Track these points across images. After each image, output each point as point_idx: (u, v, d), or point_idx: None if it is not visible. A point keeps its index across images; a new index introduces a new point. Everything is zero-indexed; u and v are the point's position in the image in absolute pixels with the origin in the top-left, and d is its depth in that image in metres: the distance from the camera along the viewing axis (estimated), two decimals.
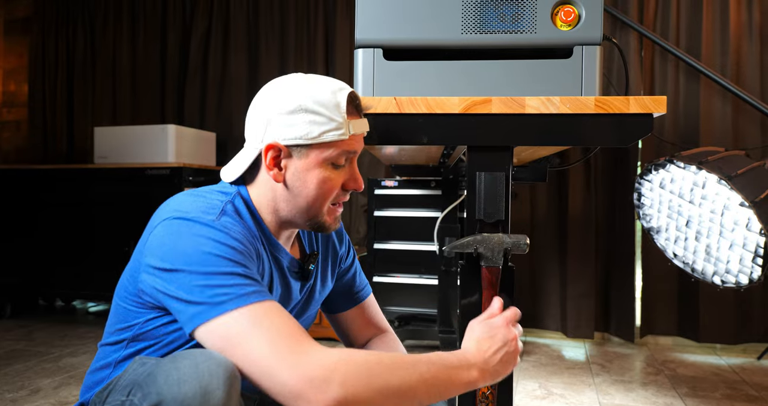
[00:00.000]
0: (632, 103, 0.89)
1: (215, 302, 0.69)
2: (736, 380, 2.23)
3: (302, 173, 0.82)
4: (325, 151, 0.81)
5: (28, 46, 3.80)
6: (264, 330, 0.68)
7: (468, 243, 0.92)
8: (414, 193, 2.55)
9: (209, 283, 0.69)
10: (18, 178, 3.09)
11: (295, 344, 0.67)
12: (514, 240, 0.92)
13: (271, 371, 0.66)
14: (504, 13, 0.97)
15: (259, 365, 0.67)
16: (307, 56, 3.24)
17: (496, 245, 0.91)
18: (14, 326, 2.97)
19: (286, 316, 0.71)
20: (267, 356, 0.66)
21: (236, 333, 0.68)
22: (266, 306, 0.70)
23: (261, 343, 0.67)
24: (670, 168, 2.09)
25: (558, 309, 2.86)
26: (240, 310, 0.68)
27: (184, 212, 0.76)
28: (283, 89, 0.82)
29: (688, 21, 2.68)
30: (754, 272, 1.93)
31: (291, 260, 0.90)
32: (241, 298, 0.69)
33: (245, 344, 0.67)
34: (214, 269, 0.70)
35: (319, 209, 0.84)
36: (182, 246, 0.72)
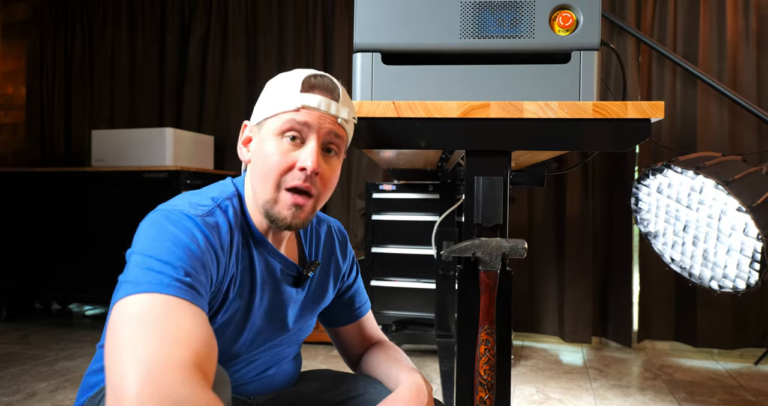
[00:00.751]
0: (630, 109, 0.89)
1: (136, 281, 0.64)
2: (733, 385, 2.23)
3: (257, 146, 0.82)
4: (274, 123, 0.81)
5: (26, 49, 3.80)
6: (147, 331, 0.58)
7: (466, 247, 0.92)
8: (412, 197, 2.55)
9: (145, 264, 0.65)
10: (15, 181, 3.09)
11: (158, 364, 0.55)
12: (512, 244, 0.92)
13: (115, 380, 0.56)
14: (502, 18, 0.97)
15: (113, 368, 0.57)
16: (306, 60, 3.25)
17: (494, 250, 0.91)
18: (10, 329, 2.96)
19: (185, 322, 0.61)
20: (123, 366, 0.56)
21: (124, 320, 0.60)
22: (174, 303, 0.62)
23: (131, 347, 0.57)
24: (667, 173, 2.10)
25: (555, 314, 2.86)
26: (147, 295, 0.62)
27: (171, 205, 0.75)
28: (272, 79, 0.87)
29: (685, 26, 2.70)
30: (752, 277, 1.94)
31: (287, 264, 0.88)
32: (157, 285, 0.63)
33: (120, 337, 0.59)
34: (157, 255, 0.66)
35: (266, 189, 0.79)
36: (148, 233, 0.71)
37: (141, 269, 0.65)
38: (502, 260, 0.92)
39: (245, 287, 0.82)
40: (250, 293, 0.82)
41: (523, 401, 2.03)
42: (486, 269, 0.91)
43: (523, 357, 2.61)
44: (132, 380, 0.54)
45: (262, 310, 0.85)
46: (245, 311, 0.82)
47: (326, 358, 2.52)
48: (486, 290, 0.91)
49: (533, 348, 2.79)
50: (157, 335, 0.58)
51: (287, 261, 0.88)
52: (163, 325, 0.60)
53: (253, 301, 0.83)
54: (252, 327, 0.84)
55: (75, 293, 3.02)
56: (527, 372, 2.38)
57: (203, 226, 0.73)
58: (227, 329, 0.81)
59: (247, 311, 0.82)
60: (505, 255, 0.91)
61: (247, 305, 0.82)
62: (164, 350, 0.57)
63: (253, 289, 0.82)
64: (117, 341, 0.59)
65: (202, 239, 0.71)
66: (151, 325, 0.59)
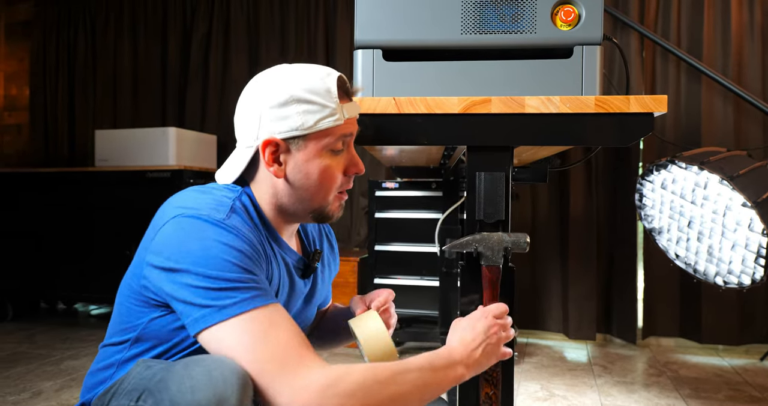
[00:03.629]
0: (632, 103, 0.88)
1: (219, 305, 0.68)
2: (738, 382, 2.21)
3: (303, 165, 0.80)
4: (322, 139, 0.80)
5: (29, 50, 3.81)
6: (265, 341, 0.68)
7: (467, 242, 0.91)
8: (415, 195, 2.55)
9: (215, 286, 0.69)
10: (19, 182, 3.10)
11: (294, 359, 0.68)
12: (514, 239, 0.91)
13: (269, 389, 0.66)
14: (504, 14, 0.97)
15: (259, 379, 0.67)
16: (308, 57, 3.24)
17: (495, 244, 0.90)
18: (16, 328, 2.97)
19: (288, 323, 0.71)
20: (267, 372, 0.67)
21: (238, 342, 0.68)
22: (270, 311, 0.70)
23: (263, 356, 0.67)
24: (671, 169, 2.09)
25: (559, 310, 2.85)
26: (243, 316, 0.68)
27: (194, 210, 0.74)
28: (270, 82, 0.80)
29: (690, 21, 2.68)
30: (757, 273, 1.93)
31: (298, 259, 0.90)
32: (244, 302, 0.69)
33: (248, 354, 0.67)
34: (220, 274, 0.70)
35: (325, 198, 0.84)
36: (190, 246, 0.71)
37: (213, 291, 0.69)
38: (505, 254, 0.91)
39: (272, 281, 0.83)
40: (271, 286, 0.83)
41: (527, 397, 2.03)
42: (488, 263, 0.91)
43: (527, 354, 2.61)
44: (291, 396, 0.66)
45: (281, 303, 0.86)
46: None
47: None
48: (489, 285, 0.91)
49: (537, 345, 2.79)
50: (277, 345, 0.68)
51: (297, 255, 0.90)
52: (274, 334, 0.69)
53: (276, 295, 0.84)
54: None
55: (80, 292, 3.03)
56: (531, 369, 2.37)
57: (235, 228, 0.74)
58: None
59: None
60: (507, 249, 0.91)
61: None
62: (291, 354, 0.68)
63: (274, 283, 0.84)
64: (242, 362, 0.67)
65: (243, 240, 0.74)
66: (265, 339, 0.68)
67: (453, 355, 0.79)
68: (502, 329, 0.85)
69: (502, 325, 0.85)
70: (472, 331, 0.83)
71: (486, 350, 0.82)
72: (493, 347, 0.83)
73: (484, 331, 0.83)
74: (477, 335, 0.82)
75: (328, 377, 0.67)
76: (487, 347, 0.82)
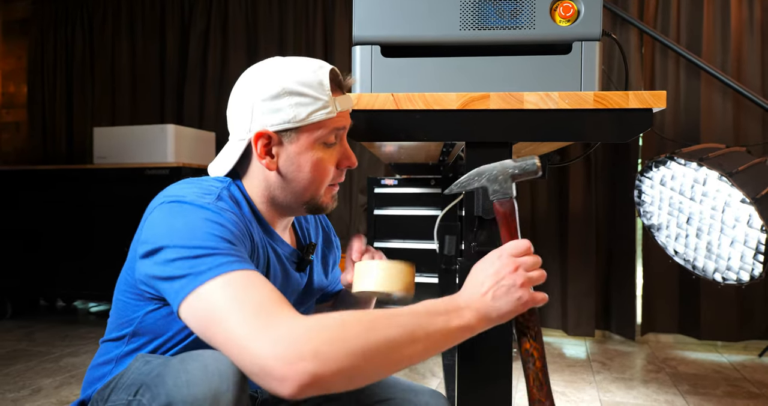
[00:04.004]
0: (631, 98, 0.88)
1: (196, 272, 0.66)
2: (737, 378, 2.22)
3: (295, 158, 0.80)
4: (315, 132, 0.79)
5: (26, 48, 3.80)
6: (240, 302, 0.63)
7: (470, 179, 0.82)
8: (414, 192, 2.55)
9: (191, 254, 0.67)
10: (18, 179, 3.09)
11: (268, 315, 0.62)
12: (521, 163, 0.79)
13: (243, 350, 0.61)
14: (502, 9, 0.97)
15: (235, 343, 0.62)
16: (306, 54, 3.23)
17: (500, 173, 0.80)
18: (15, 326, 2.97)
19: (266, 284, 0.67)
20: (241, 334, 0.61)
21: (213, 308, 0.64)
22: (247, 275, 0.66)
23: (237, 318, 0.62)
24: (670, 165, 2.09)
25: (558, 307, 2.85)
26: (219, 279, 0.65)
27: (180, 197, 0.74)
28: (263, 74, 0.80)
29: (689, 17, 2.68)
30: (756, 269, 1.93)
31: (291, 252, 0.90)
32: (221, 266, 0.66)
33: (222, 321, 0.63)
34: (198, 243, 0.67)
35: (317, 191, 0.83)
36: (172, 224, 0.70)
37: (191, 259, 0.66)
38: (514, 182, 0.81)
39: (264, 270, 0.83)
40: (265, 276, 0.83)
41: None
42: (496, 197, 0.80)
43: None
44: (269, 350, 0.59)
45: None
46: None
47: None
48: (504, 222, 0.79)
49: None
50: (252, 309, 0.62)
51: (290, 248, 0.90)
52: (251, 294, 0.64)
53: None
54: None
55: (79, 289, 3.03)
56: None
57: (220, 210, 0.73)
58: None
59: None
60: (515, 177, 0.80)
61: None
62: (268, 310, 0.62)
63: (268, 273, 0.84)
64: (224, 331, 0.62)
65: (226, 220, 0.72)
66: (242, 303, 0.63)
67: (457, 299, 0.71)
68: (522, 268, 0.73)
69: (521, 264, 0.73)
70: (482, 273, 0.73)
71: (497, 293, 0.71)
72: (507, 289, 0.71)
73: (495, 272, 0.72)
74: (487, 277, 0.72)
75: (299, 326, 0.61)
76: (498, 290, 0.71)
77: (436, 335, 0.66)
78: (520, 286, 0.72)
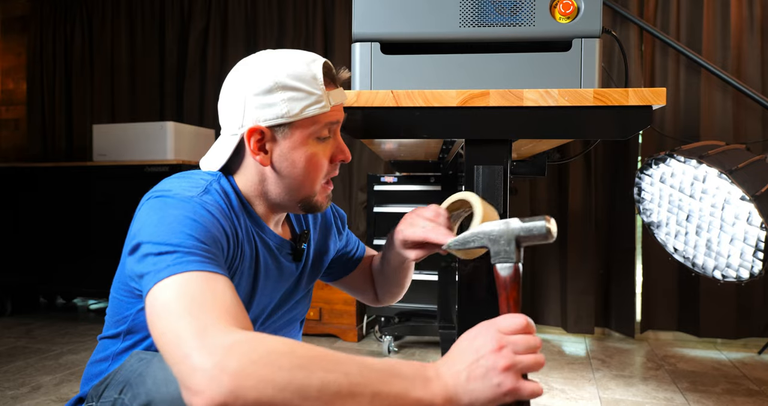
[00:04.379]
0: (631, 95, 0.88)
1: (156, 270, 0.63)
2: (736, 375, 2.22)
3: (289, 153, 0.79)
4: (309, 127, 0.78)
5: (26, 45, 3.80)
6: (187, 304, 0.59)
7: (470, 238, 0.74)
8: (413, 189, 2.55)
9: (156, 251, 0.65)
10: (17, 177, 3.09)
11: (209, 321, 0.57)
12: (528, 224, 0.70)
13: (175, 351, 0.57)
14: (502, 6, 0.96)
15: (169, 344, 0.58)
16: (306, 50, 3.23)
17: (503, 235, 0.71)
18: (15, 323, 2.98)
19: (220, 290, 0.62)
20: (176, 335, 0.57)
21: (161, 305, 0.61)
22: (207, 277, 0.62)
23: (177, 319, 0.58)
24: (670, 162, 2.09)
25: (558, 304, 2.86)
26: (174, 278, 0.62)
27: (166, 191, 0.73)
28: (254, 68, 0.78)
29: (689, 15, 2.67)
30: (755, 267, 1.93)
31: (282, 242, 0.89)
32: (179, 265, 0.63)
33: (163, 320, 0.59)
34: (165, 239, 0.65)
35: (311, 187, 0.82)
36: (149, 221, 0.69)
37: (155, 256, 0.64)
38: (517, 245, 0.71)
39: (252, 262, 0.82)
40: (255, 268, 0.83)
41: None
42: (497, 261, 0.71)
43: None
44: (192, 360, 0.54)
45: (269, 286, 0.86)
46: (253, 287, 0.83)
47: None
48: (502, 290, 0.70)
49: None
50: (192, 313, 0.58)
51: (282, 239, 0.89)
52: (195, 302, 0.60)
53: (259, 276, 0.83)
54: (257, 304, 0.85)
55: (78, 287, 3.03)
56: None
57: (203, 204, 0.72)
58: None
59: (254, 286, 0.83)
60: (521, 239, 0.70)
61: (254, 280, 0.83)
62: (204, 322, 0.57)
63: (258, 265, 0.83)
64: (163, 332, 0.59)
65: (206, 213, 0.70)
66: (187, 305, 0.59)
67: (428, 368, 0.60)
68: (510, 349, 0.61)
69: (509, 343, 0.61)
70: (464, 344, 0.63)
71: (473, 373, 0.59)
72: (485, 371, 0.59)
73: (476, 347, 0.61)
74: (467, 352, 0.61)
75: (242, 339, 0.55)
76: (476, 370, 0.59)
77: (385, 399, 0.55)
78: (501, 370, 0.59)
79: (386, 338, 2.51)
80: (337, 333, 2.71)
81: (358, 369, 0.56)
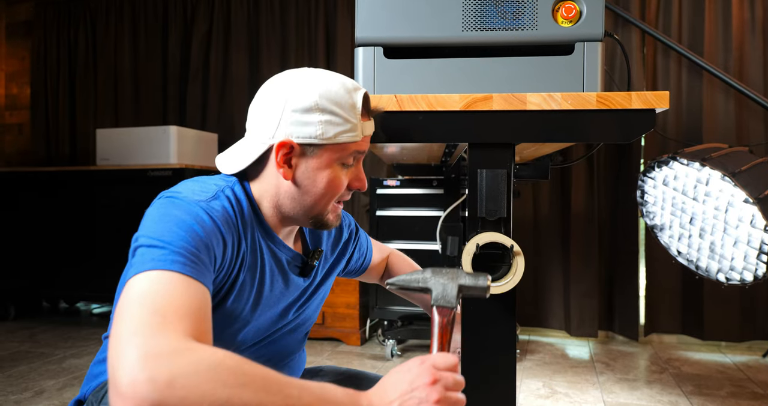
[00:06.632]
0: (634, 99, 0.88)
1: (140, 261, 0.64)
2: (741, 378, 2.21)
3: (313, 172, 0.80)
4: (337, 152, 0.80)
5: (30, 50, 3.82)
6: (150, 302, 0.59)
7: (416, 279, 0.79)
8: (416, 193, 2.55)
9: (147, 243, 0.66)
10: (21, 181, 3.10)
11: (161, 325, 0.56)
12: (472, 279, 0.76)
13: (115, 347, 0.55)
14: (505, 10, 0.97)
15: (115, 337, 0.56)
16: (308, 55, 3.24)
17: (449, 281, 0.76)
18: (18, 327, 2.98)
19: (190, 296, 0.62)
20: (124, 331, 0.56)
21: (127, 296, 0.60)
22: (180, 279, 0.62)
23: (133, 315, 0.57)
24: (673, 165, 2.08)
25: (561, 308, 2.85)
26: (152, 272, 0.62)
27: (176, 193, 0.75)
28: (297, 84, 0.79)
29: (691, 17, 2.67)
30: (759, 269, 1.92)
31: (293, 256, 0.89)
32: (161, 262, 0.63)
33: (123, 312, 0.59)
34: (157, 234, 0.66)
35: (324, 207, 0.83)
36: (151, 218, 0.70)
37: (145, 248, 0.66)
38: (461, 295, 0.76)
39: (255, 273, 0.82)
40: (260, 279, 0.83)
41: (529, 395, 2.03)
42: (438, 304, 0.75)
43: (529, 352, 2.61)
44: (126, 352, 0.54)
45: (272, 298, 0.86)
46: (255, 299, 0.83)
47: (332, 354, 2.52)
48: (439, 330, 0.74)
49: (539, 342, 2.79)
50: (151, 310, 0.58)
51: (293, 252, 0.89)
52: (160, 300, 0.59)
53: (263, 289, 0.83)
54: (260, 316, 0.85)
55: (82, 291, 3.04)
56: (534, 366, 2.37)
57: (208, 209, 0.73)
58: (237, 315, 0.81)
59: (257, 297, 0.83)
60: (462, 289, 0.76)
61: (258, 294, 0.83)
62: (156, 322, 0.57)
63: (263, 277, 0.83)
64: (117, 320, 0.59)
65: (207, 219, 0.71)
66: (149, 301, 0.59)
67: (360, 396, 0.62)
68: (441, 384, 0.64)
69: (441, 378, 0.64)
70: (396, 376, 0.65)
71: (405, 404, 0.62)
72: (417, 402, 0.62)
73: (411, 380, 0.63)
74: (399, 383, 0.64)
75: (183, 349, 0.54)
76: (408, 401, 0.62)
77: None
78: (434, 402, 0.62)
79: (389, 341, 2.51)
80: (339, 337, 2.71)
81: (298, 392, 0.57)
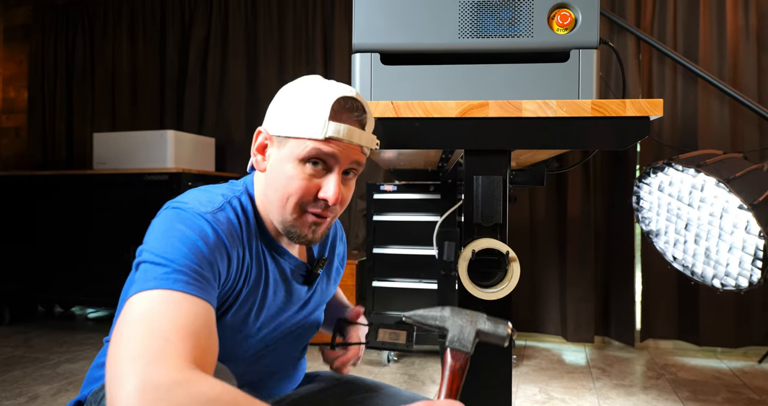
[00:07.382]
0: (629, 106, 0.89)
1: (143, 279, 0.65)
2: (737, 384, 2.22)
3: (277, 163, 0.80)
4: (299, 146, 0.78)
5: (27, 53, 3.81)
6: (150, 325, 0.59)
7: (432, 315, 0.74)
8: (413, 198, 2.55)
9: (151, 260, 0.66)
10: (17, 185, 3.09)
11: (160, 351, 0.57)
12: (492, 325, 0.71)
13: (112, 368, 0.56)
14: (501, 18, 0.98)
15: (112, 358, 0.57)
16: (306, 61, 3.25)
17: (467, 325, 0.71)
18: (13, 332, 2.96)
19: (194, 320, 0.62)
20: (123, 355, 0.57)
21: (130, 316, 0.61)
22: (181, 299, 0.63)
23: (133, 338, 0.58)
24: (668, 171, 2.09)
25: (558, 313, 2.85)
26: (150, 292, 0.63)
27: (183, 203, 0.75)
28: (295, 86, 0.82)
29: (685, 25, 2.69)
30: (754, 275, 1.93)
31: (298, 265, 0.89)
32: (158, 281, 0.63)
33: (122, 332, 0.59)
34: (161, 251, 0.67)
35: (283, 207, 0.79)
36: (155, 232, 0.71)
37: (149, 265, 0.66)
38: (477, 340, 0.72)
39: (258, 285, 0.82)
40: (263, 291, 0.83)
41: (525, 400, 2.03)
42: (453, 346, 0.71)
43: (525, 357, 2.61)
44: (125, 379, 0.54)
45: (274, 308, 0.86)
46: (258, 310, 0.83)
47: None
48: (450, 375, 0.69)
49: (536, 348, 2.79)
50: (152, 332, 0.58)
51: (297, 261, 0.89)
52: (160, 321, 0.60)
53: (266, 300, 0.83)
54: (264, 325, 0.85)
55: (77, 295, 3.02)
56: (530, 372, 2.37)
57: (213, 222, 0.73)
58: (239, 327, 0.81)
59: (259, 309, 0.83)
60: (480, 334, 0.72)
61: (260, 304, 0.83)
62: (156, 346, 0.57)
63: (266, 287, 0.83)
64: (117, 340, 0.59)
65: (212, 234, 0.72)
66: (149, 322, 0.60)
67: None
68: None
69: None
70: None
71: None
72: None
73: None
74: None
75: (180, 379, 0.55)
76: None
77: None
78: None
79: None
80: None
81: None
